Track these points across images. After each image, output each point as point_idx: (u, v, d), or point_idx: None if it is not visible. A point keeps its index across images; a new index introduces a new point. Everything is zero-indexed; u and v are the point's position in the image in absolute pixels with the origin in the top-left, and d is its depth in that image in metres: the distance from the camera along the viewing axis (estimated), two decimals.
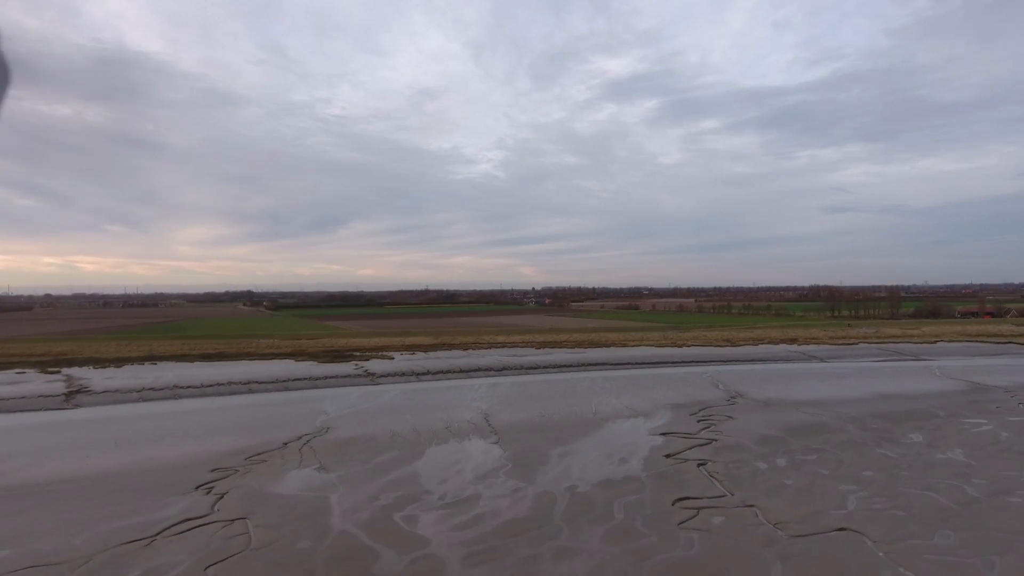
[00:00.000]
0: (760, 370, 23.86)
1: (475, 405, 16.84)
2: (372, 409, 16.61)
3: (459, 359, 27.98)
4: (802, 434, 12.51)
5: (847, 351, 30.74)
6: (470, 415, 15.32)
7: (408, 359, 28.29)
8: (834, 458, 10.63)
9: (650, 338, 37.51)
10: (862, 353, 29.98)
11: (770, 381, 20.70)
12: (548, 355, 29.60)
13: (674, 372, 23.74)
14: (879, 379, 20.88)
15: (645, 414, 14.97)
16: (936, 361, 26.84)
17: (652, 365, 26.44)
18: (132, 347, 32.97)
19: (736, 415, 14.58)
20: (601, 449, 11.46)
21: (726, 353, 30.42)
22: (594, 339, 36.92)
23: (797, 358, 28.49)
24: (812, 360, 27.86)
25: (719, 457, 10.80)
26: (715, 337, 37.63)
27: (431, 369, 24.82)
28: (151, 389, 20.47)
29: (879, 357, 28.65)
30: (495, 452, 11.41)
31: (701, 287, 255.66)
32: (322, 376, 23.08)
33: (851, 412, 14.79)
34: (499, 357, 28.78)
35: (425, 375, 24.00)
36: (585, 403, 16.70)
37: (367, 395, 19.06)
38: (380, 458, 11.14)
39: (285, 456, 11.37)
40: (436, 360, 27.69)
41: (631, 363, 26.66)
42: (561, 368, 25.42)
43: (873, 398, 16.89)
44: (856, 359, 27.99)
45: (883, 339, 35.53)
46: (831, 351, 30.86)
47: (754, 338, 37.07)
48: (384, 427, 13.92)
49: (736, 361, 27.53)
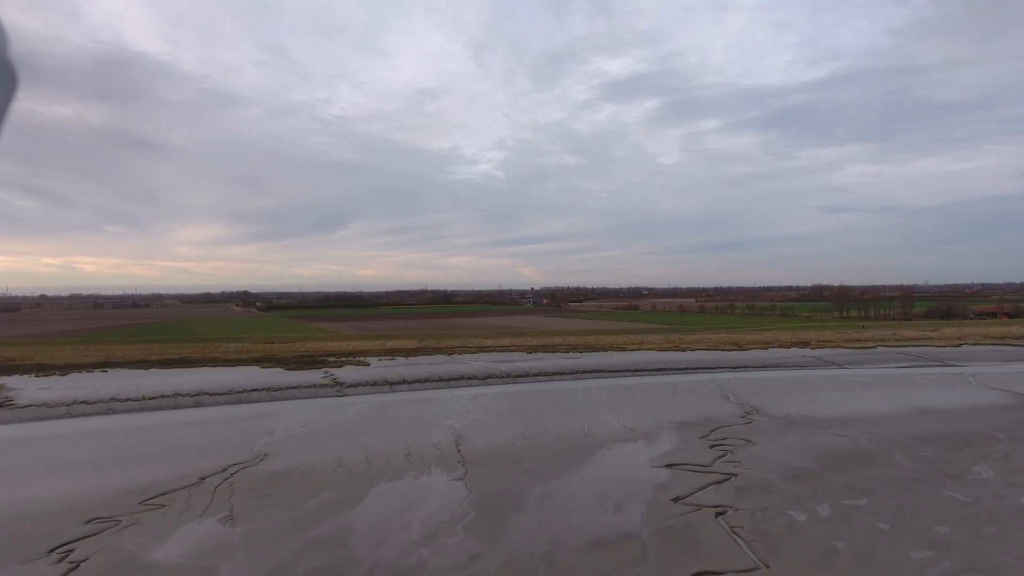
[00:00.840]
0: (774, 378, 21.57)
1: (448, 423, 14.52)
2: (327, 428, 14.28)
3: (441, 365, 25.66)
4: (841, 466, 10.20)
5: (866, 356, 28.46)
6: (439, 437, 13.00)
7: (385, 366, 25.96)
8: (891, 504, 8.31)
9: (651, 341, 35.19)
10: (882, 358, 27.67)
11: (787, 392, 18.38)
12: (539, 361, 27.31)
13: (678, 380, 21.44)
14: (911, 390, 18.57)
15: (646, 436, 12.65)
16: (967, 367, 24.56)
17: (653, 372, 24.16)
18: (89, 352, 30.62)
19: (755, 438, 12.27)
20: (592, 489, 9.14)
21: (734, 358, 28.14)
22: (590, 342, 34.59)
23: (812, 364, 26.20)
24: (830, 366, 25.57)
25: (742, 502, 8.47)
26: (720, 340, 35.31)
27: (408, 377, 22.49)
28: (84, 403, 18.11)
29: (902, 362, 26.37)
30: (458, 493, 9.08)
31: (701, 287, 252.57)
32: (284, 386, 20.74)
33: (892, 434, 12.48)
34: (485, 363, 26.47)
35: (400, 384, 21.67)
36: (576, 421, 14.38)
37: (328, 409, 16.73)
38: (310, 502, 8.81)
39: (191, 499, 9.04)
40: (416, 367, 25.36)
41: (630, 370, 24.37)
42: (552, 376, 23.12)
43: (912, 414, 14.58)
44: (878, 365, 25.70)
45: (902, 342, 33.26)
46: (848, 356, 28.60)
47: (763, 341, 34.78)
48: (332, 454, 11.61)
49: (746, 367, 25.23)
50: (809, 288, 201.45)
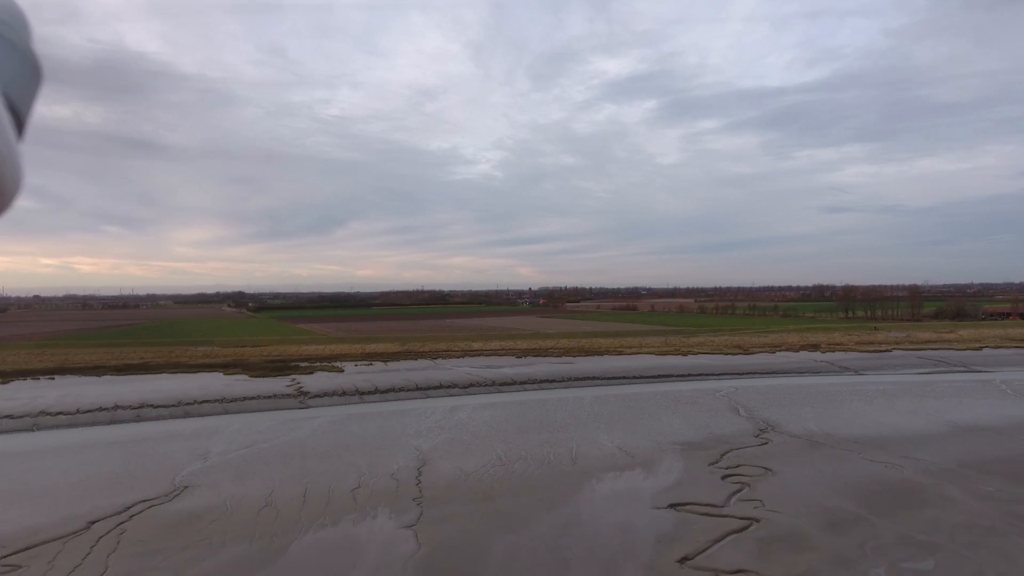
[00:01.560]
0: (786, 387, 19.63)
1: (414, 443, 12.56)
2: (273, 450, 12.30)
3: (421, 372, 23.66)
4: (888, 506, 8.24)
5: (882, 360, 26.55)
6: (400, 462, 11.04)
7: (360, 372, 23.94)
8: (967, 569, 6.35)
9: (650, 344, 33.22)
10: (901, 363, 25.74)
11: (804, 403, 16.43)
12: (529, 366, 25.34)
13: (680, 389, 19.49)
14: (942, 400, 16.64)
15: (645, 462, 10.70)
16: (994, 373, 22.65)
17: (653, 379, 22.22)
18: (45, 357, 28.58)
19: (775, 464, 10.32)
20: (577, 545, 7.17)
21: (739, 363, 26.22)
22: (585, 345, 32.61)
23: (826, 369, 24.25)
24: (845, 372, 23.63)
25: (770, 564, 6.51)
26: (724, 343, 33.37)
27: (381, 386, 20.48)
28: (8, 417, 16.09)
29: (923, 368, 24.46)
30: (402, 549, 7.10)
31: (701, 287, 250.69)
32: (241, 396, 18.72)
33: (939, 459, 10.54)
34: (470, 369, 24.48)
35: (371, 394, 19.65)
36: (563, 441, 12.42)
37: (282, 426, 14.75)
38: (209, 563, 6.83)
39: (60, 556, 7.05)
40: (393, 374, 23.35)
41: (627, 377, 22.41)
42: (541, 384, 21.13)
43: (954, 432, 12.64)
44: (897, 371, 23.76)
45: (918, 345, 31.35)
46: (863, 360, 26.67)
47: (769, 344, 32.85)
48: (266, 486, 9.63)
49: (753, 374, 23.28)
50: (810, 288, 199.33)
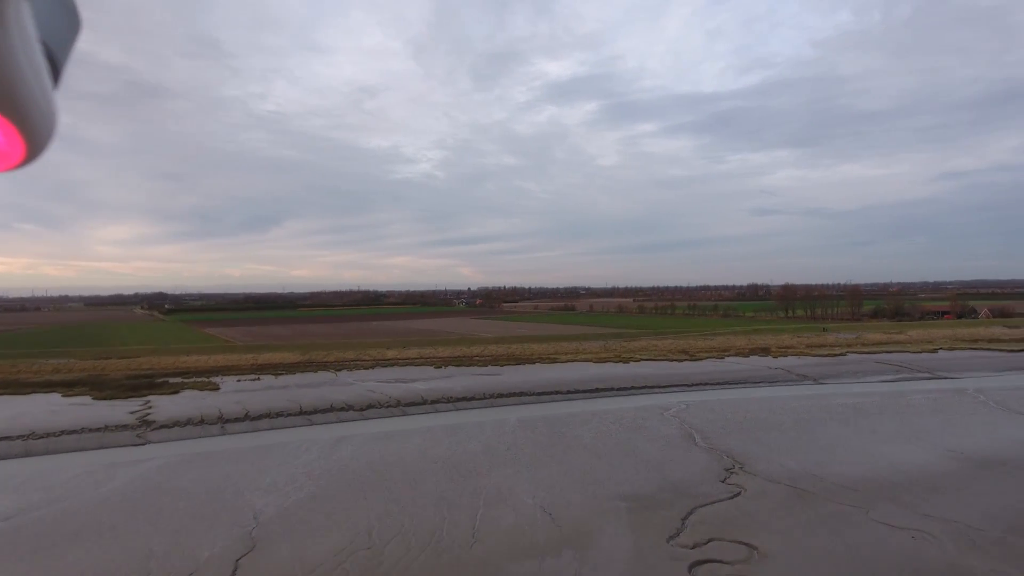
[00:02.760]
0: (744, 401, 16.92)
1: (256, 507, 8.83)
2: (41, 523, 8.30)
3: (314, 390, 19.68)
4: None
5: (840, 366, 24.51)
6: (218, 544, 7.34)
7: (239, 390, 19.72)
8: None
9: (588, 350, 30.27)
10: (860, 369, 23.71)
11: (770, 425, 13.66)
12: (447, 379, 21.80)
13: (623, 408, 16.47)
14: (925, 418, 14.25)
15: (577, 539, 7.42)
16: (962, 380, 20.85)
17: (591, 394, 19.15)
18: None
19: (761, 538, 7.24)
20: None
21: (687, 372, 23.59)
22: (516, 352, 29.30)
23: (783, 378, 21.87)
24: (804, 381, 21.30)
25: None
26: (668, 348, 30.83)
27: (255, 410, 16.45)
28: None
29: (885, 375, 22.49)
30: None
31: (639, 287, 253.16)
32: (59, 430, 14.25)
33: (973, 518, 7.74)
34: (375, 384, 20.71)
35: (238, 422, 15.63)
36: (468, 497, 8.99)
37: (89, 475, 10.63)
38: None
39: None
40: (279, 392, 19.25)
41: (560, 391, 19.25)
42: (458, 403, 17.64)
43: (968, 470, 10.00)
44: (860, 378, 21.64)
45: (871, 347, 29.74)
46: (819, 366, 24.56)
47: (716, 348, 30.53)
48: None
49: (705, 385, 20.59)
50: (744, 287, 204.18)
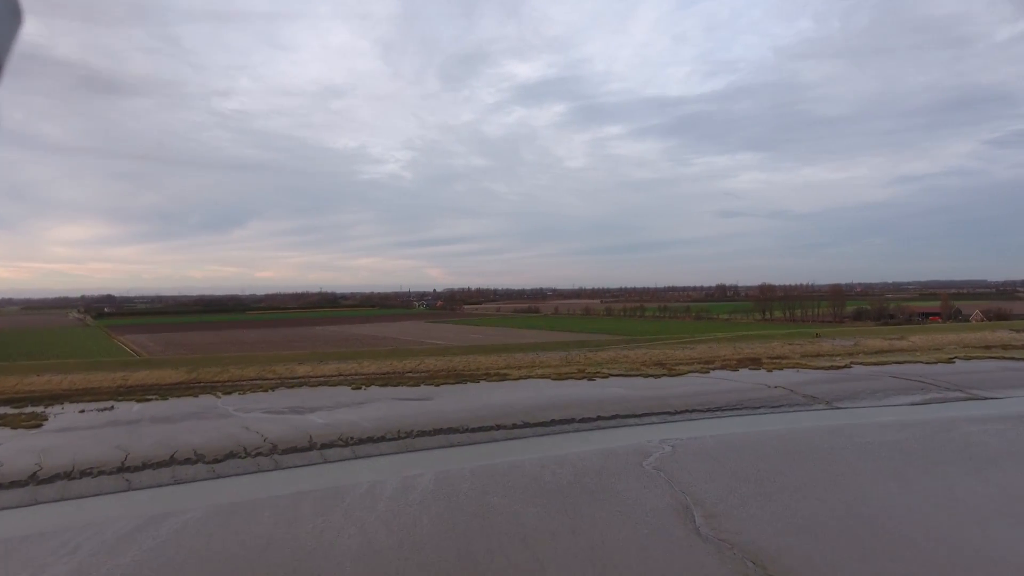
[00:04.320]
0: (751, 442, 12.49)
1: None
2: None
3: (174, 425, 14.62)
4: None
5: (850, 382, 20.39)
6: None
7: (68, 426, 14.56)
8: None
9: (546, 362, 25.69)
10: (878, 386, 19.59)
11: (802, 488, 9.35)
12: (358, 408, 16.94)
13: (585, 451, 11.95)
14: (1010, 470, 10.16)
15: None
16: (1005, 400, 17.06)
17: (544, 428, 14.54)
18: None
19: None
20: None
21: (668, 392, 19.23)
22: (458, 366, 24.52)
23: (788, 401, 17.66)
24: (815, 404, 17.14)
25: None
26: (641, 359, 26.47)
27: (53, 468, 11.40)
28: None
29: (911, 393, 18.51)
30: None
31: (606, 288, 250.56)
32: None
33: None
34: (259, 416, 15.77)
35: (16, 488, 10.62)
36: None
37: None
38: None
39: None
40: (119, 431, 14.10)
41: (504, 426, 14.61)
42: (358, 446, 12.80)
43: None
44: (883, 401, 17.58)
45: (876, 357, 25.84)
46: (827, 383, 20.41)
47: (699, 359, 26.28)
48: None
49: (692, 412, 16.24)
50: (713, 288, 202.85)
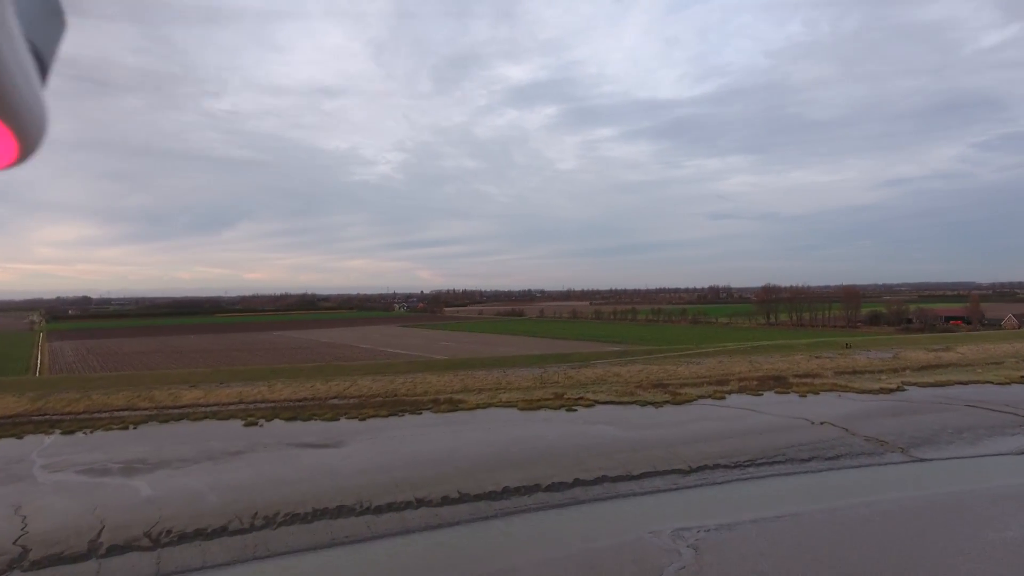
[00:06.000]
0: (807, 527, 7.79)
1: None
2: None
3: None
4: None
5: (917, 416, 15.53)
6: None
7: None
8: None
9: (516, 384, 20.71)
10: (958, 422, 14.85)
11: None
12: (230, 461, 11.97)
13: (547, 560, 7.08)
14: None
15: None
16: None
17: (491, 502, 9.64)
18: None
19: None
20: None
21: (672, 431, 14.37)
22: (400, 390, 19.40)
23: (842, 447, 12.80)
24: (885, 452, 12.31)
25: None
26: (636, 379, 21.55)
27: None
28: None
29: (1007, 431, 13.91)
30: None
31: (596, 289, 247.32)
32: None
33: None
34: (65, 479, 10.61)
35: None
36: None
37: None
38: None
39: None
40: None
41: (431, 501, 9.71)
42: (166, 553, 7.89)
43: None
44: (973, 444, 12.91)
45: (927, 374, 21.01)
46: (882, 415, 15.60)
47: (708, 378, 21.39)
48: None
49: (712, 469, 11.41)
50: (705, 289, 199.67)
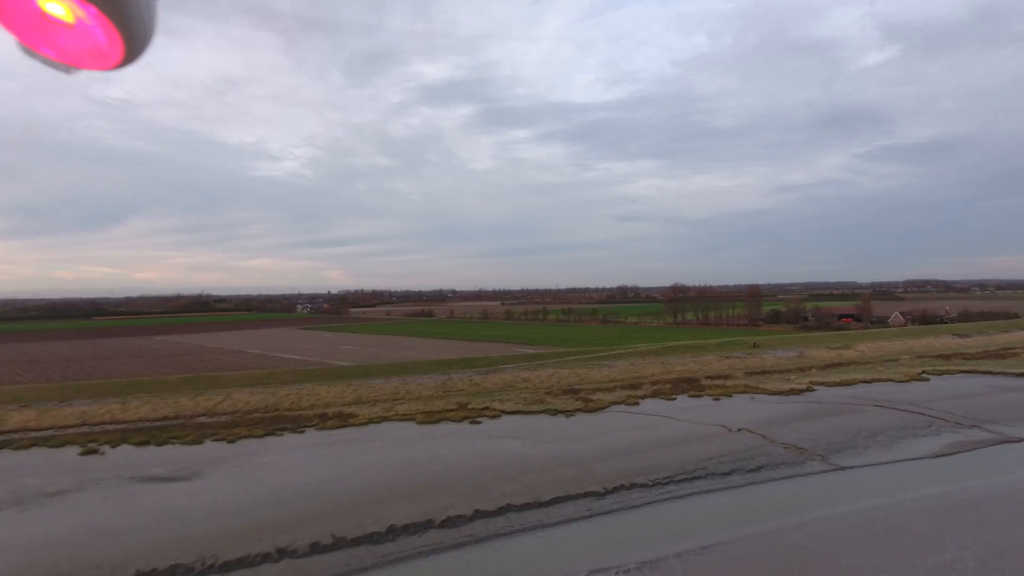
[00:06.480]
0: (738, 557, 6.89)
1: None
2: None
3: None
4: None
5: (827, 416, 15.50)
6: None
7: None
8: None
9: (416, 393, 19.09)
10: (870, 423, 14.85)
11: None
12: (48, 503, 9.60)
13: None
14: None
15: None
16: None
17: (373, 546, 8.08)
18: None
19: None
20: None
21: (585, 445, 13.42)
22: (281, 403, 17.22)
23: (762, 456, 12.20)
24: (805, 461, 11.79)
25: None
26: (547, 384, 20.54)
27: None
28: None
29: (917, 432, 13.97)
30: None
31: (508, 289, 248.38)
32: None
33: None
34: None
35: None
36: None
37: None
38: None
39: None
40: None
41: (296, 551, 8.00)
42: None
43: None
44: (889, 447, 12.73)
45: (833, 373, 21.31)
46: (796, 419, 15.40)
47: (621, 382, 20.54)
48: None
49: (629, 489, 10.33)
50: (614, 289, 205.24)
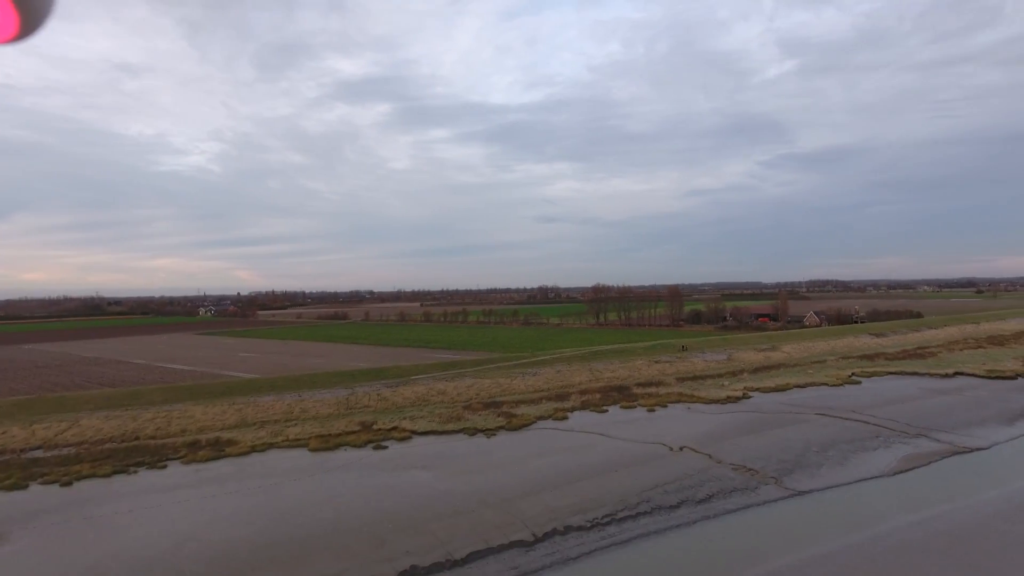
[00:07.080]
0: None
1: None
2: None
3: None
4: None
5: (771, 429, 14.76)
6: None
7: None
8: None
9: (313, 411, 16.91)
10: (819, 437, 14.21)
11: None
12: None
13: None
14: None
15: None
16: (990, 447, 12.61)
17: None
18: None
19: None
20: None
21: (508, 472, 11.82)
22: (144, 429, 14.64)
23: (712, 482, 10.98)
24: (757, 485, 10.72)
25: None
26: (465, 397, 19.00)
27: None
28: None
29: (867, 445, 13.43)
30: None
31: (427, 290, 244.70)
32: None
33: None
34: None
35: None
36: None
37: None
38: None
39: None
40: None
41: None
42: None
43: None
44: (843, 464, 12.02)
45: (765, 377, 20.83)
46: (740, 432, 14.59)
47: (547, 392, 19.19)
48: None
49: (563, 534, 8.82)
50: (535, 290, 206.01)
